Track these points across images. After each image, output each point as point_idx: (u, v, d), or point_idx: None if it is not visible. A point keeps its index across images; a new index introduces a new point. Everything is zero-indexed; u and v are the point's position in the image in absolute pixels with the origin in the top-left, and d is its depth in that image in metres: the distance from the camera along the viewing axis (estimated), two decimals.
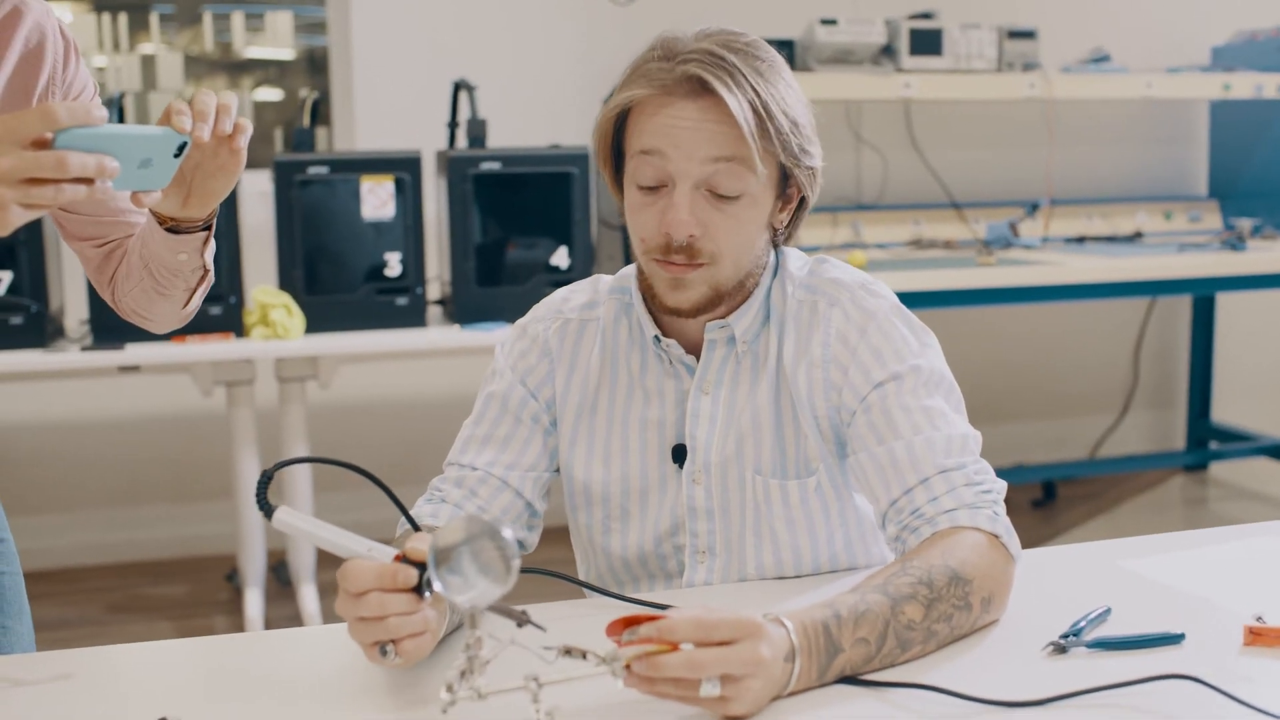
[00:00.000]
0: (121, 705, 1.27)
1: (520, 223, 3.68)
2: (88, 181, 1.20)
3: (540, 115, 4.42)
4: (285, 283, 3.57)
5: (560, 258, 3.67)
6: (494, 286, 3.65)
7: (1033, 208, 4.59)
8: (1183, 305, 5.36)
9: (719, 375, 1.61)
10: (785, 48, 4.29)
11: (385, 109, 4.35)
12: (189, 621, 3.80)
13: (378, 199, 3.58)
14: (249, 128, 1.36)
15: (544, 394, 1.66)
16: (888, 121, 4.83)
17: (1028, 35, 4.50)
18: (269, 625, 3.67)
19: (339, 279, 3.60)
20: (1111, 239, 4.77)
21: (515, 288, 3.66)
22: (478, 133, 3.74)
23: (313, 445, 3.84)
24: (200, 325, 3.47)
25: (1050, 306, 4.98)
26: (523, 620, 1.12)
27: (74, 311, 3.69)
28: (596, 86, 4.39)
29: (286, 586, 3.96)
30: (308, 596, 3.75)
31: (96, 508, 4.34)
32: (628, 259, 3.82)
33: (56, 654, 1.42)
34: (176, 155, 1.28)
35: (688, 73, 1.48)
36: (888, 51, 4.39)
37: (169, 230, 1.48)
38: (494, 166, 3.62)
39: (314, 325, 3.55)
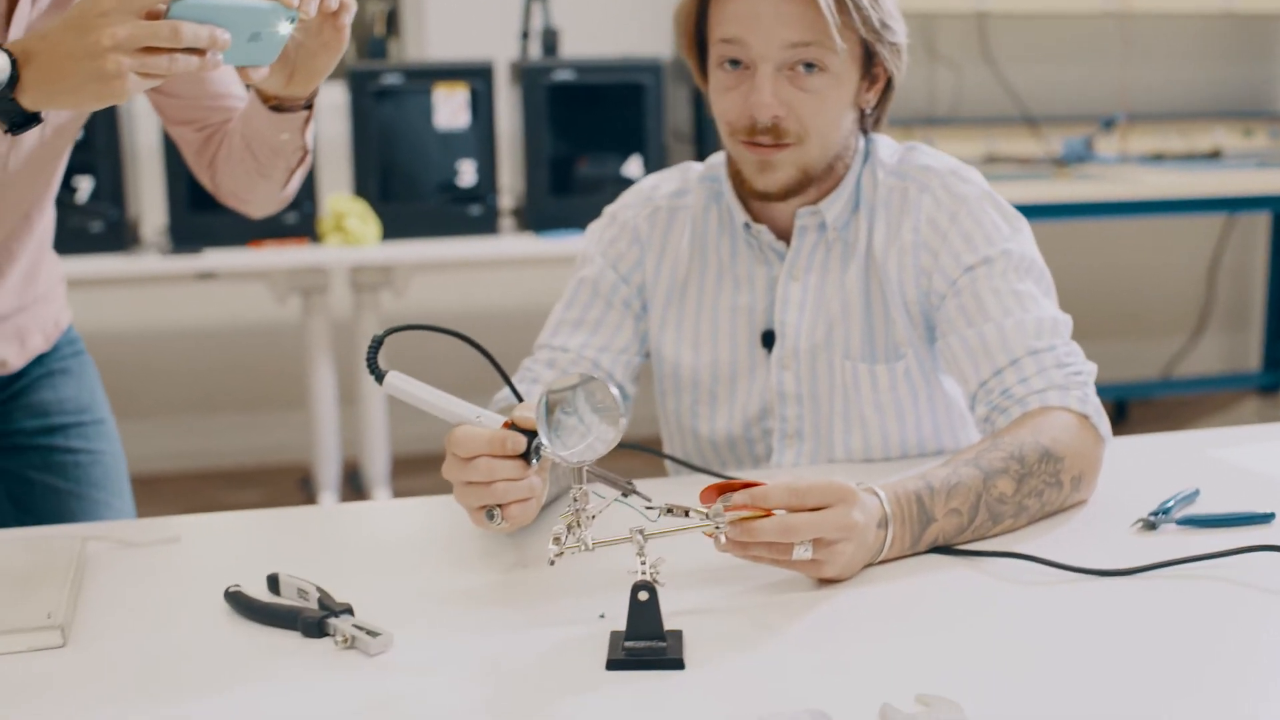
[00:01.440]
0: (232, 565, 1.30)
1: (593, 132, 3.68)
2: (199, 52, 1.21)
3: (609, 24, 4.39)
4: (360, 191, 3.60)
5: (633, 168, 3.67)
6: (567, 196, 3.66)
7: (1108, 123, 4.53)
8: (1260, 224, 5.28)
9: (809, 261, 1.61)
10: None
11: (456, 19, 4.35)
12: None
13: (451, 108, 3.59)
14: (353, 5, 1.37)
15: (634, 279, 1.67)
16: (962, 35, 4.76)
17: None
18: None
19: (413, 188, 3.63)
20: (1189, 157, 4.70)
21: (588, 197, 3.66)
22: (551, 42, 3.73)
23: (387, 353, 3.87)
24: (276, 231, 3.51)
25: (1125, 224, 4.92)
26: (627, 489, 1.14)
27: (151, 219, 3.74)
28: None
29: (359, 493, 4.02)
30: (382, 495, 3.80)
31: (170, 415, 4.42)
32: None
33: (164, 520, 1.46)
34: (283, 30, 1.29)
35: None
36: None
37: (272, 109, 1.50)
38: (567, 76, 3.61)
39: (388, 234, 3.58)
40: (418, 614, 1.18)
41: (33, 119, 1.25)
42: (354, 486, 4.04)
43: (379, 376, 1.24)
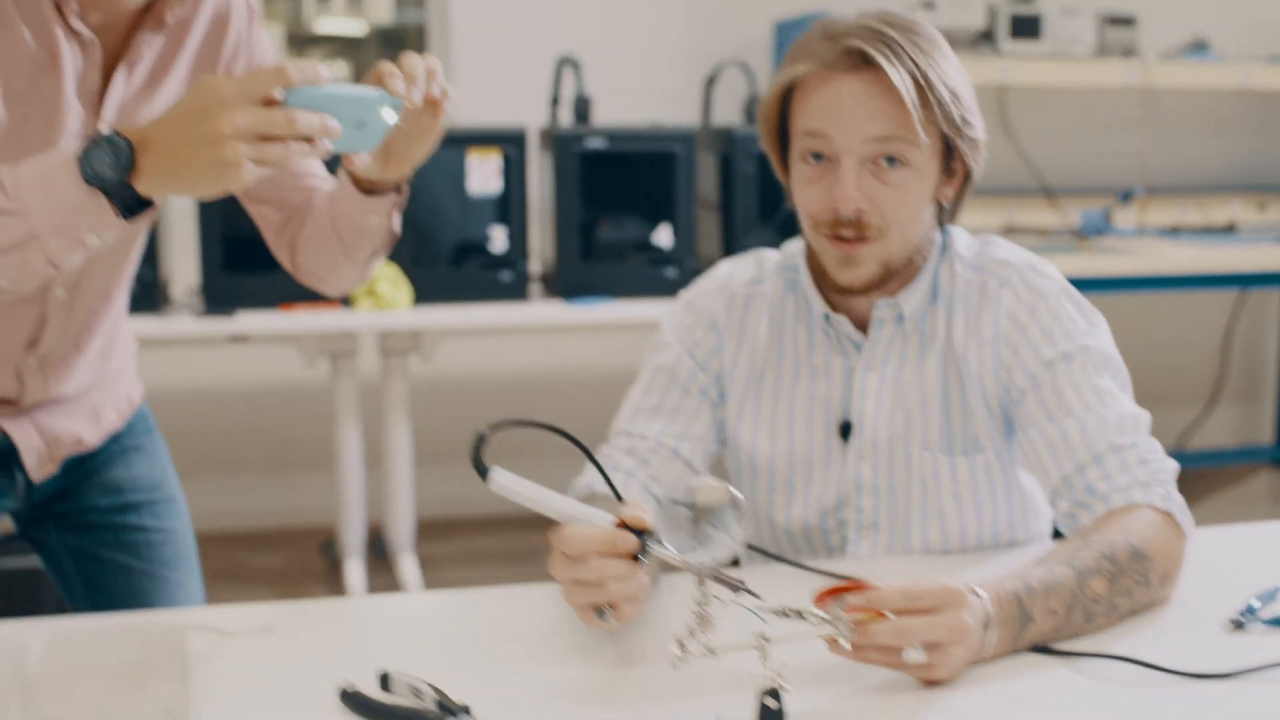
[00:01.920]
0: (333, 658, 1.31)
1: (623, 200, 3.71)
2: (309, 139, 1.24)
3: (636, 91, 4.43)
4: (391, 255, 3.61)
5: (663, 236, 3.69)
6: (597, 263, 3.69)
7: (1126, 196, 4.57)
8: (1274, 298, 5.32)
9: (886, 353, 1.63)
10: None
11: (486, 84, 4.38)
12: (288, 590, 3.86)
13: (484, 173, 3.62)
14: (453, 93, 1.40)
15: (712, 367, 1.69)
16: (982, 107, 4.80)
17: (1127, 22, 4.48)
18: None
19: (444, 253, 3.65)
20: (1206, 230, 4.74)
21: (618, 264, 3.70)
22: (583, 110, 3.77)
23: (414, 418, 3.89)
24: (307, 294, 3.51)
25: (1139, 295, 4.96)
26: (740, 587, 1.15)
27: (182, 279, 3.75)
28: (695, 64, 4.42)
29: (381, 558, 4.02)
30: (407, 567, 3.80)
31: (192, 476, 4.40)
32: (727, 239, 3.84)
33: (255, 607, 1.47)
34: (388, 118, 1.32)
35: (849, 47, 1.52)
36: (986, 36, 4.39)
37: (363, 192, 1.51)
38: (600, 144, 3.65)
39: (419, 298, 3.59)
40: (532, 713, 1.18)
41: (146, 205, 1.27)
42: (377, 551, 4.04)
43: (483, 473, 1.25)
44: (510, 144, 3.62)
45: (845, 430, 1.64)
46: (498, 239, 3.63)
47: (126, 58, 1.52)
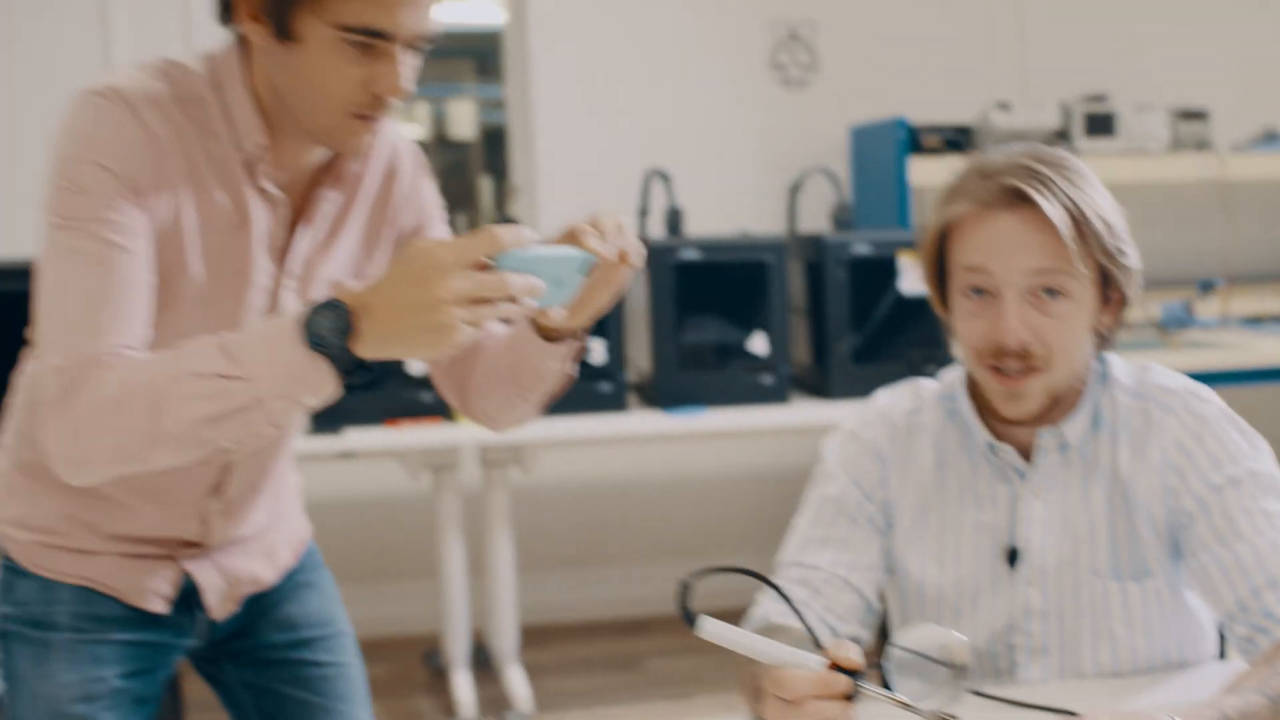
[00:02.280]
0: None
1: (717, 309, 3.77)
2: (515, 300, 1.29)
3: (717, 199, 4.51)
4: None
5: (758, 344, 3.75)
6: (693, 372, 3.74)
7: (1207, 287, 4.60)
8: None
9: (1051, 480, 1.67)
10: (961, 132, 4.37)
11: (571, 196, 4.48)
12: (393, 703, 3.89)
13: None
14: (643, 249, 1.46)
15: (878, 496, 1.73)
16: None
17: (1199, 116, 4.54)
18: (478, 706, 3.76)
19: None
20: None
21: (714, 372, 3.75)
22: (675, 222, 3.85)
23: (515, 527, 3.94)
24: (412, 410, 3.59)
25: (1234, 389, 4.96)
26: None
27: None
28: (773, 170, 4.51)
29: (483, 666, 4.04)
30: (514, 677, 3.83)
31: None
32: (817, 344, 3.89)
33: None
34: (583, 275, 1.38)
35: (1005, 186, 1.58)
36: (1061, 134, 4.46)
37: (546, 339, 1.56)
38: (693, 255, 3.72)
39: None
40: None
41: (364, 367, 1.33)
42: (478, 659, 4.06)
43: (691, 620, 1.29)
44: None
45: (1012, 556, 1.67)
46: (596, 351, 3.69)
47: (308, 214, 1.59)
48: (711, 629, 1.29)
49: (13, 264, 3.49)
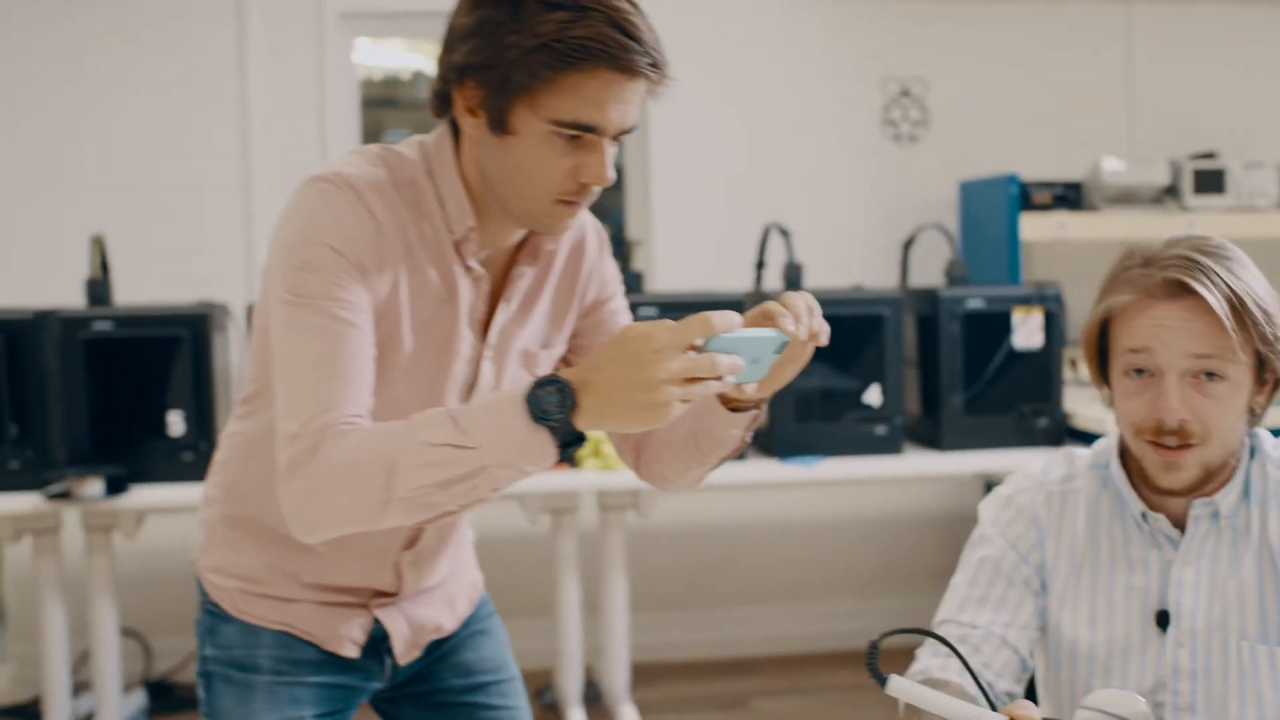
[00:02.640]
0: None
1: (833, 361, 3.86)
2: (720, 378, 1.40)
3: (828, 252, 4.61)
4: None
5: (872, 395, 3.84)
6: (809, 421, 3.84)
7: None
8: None
9: (1202, 547, 1.75)
10: (1071, 189, 4.45)
11: (683, 251, 4.60)
12: None
13: None
14: (828, 327, 1.56)
15: (1033, 559, 1.82)
16: None
17: None
18: None
19: None
20: None
21: (830, 423, 3.84)
22: (794, 276, 3.95)
23: (630, 568, 4.05)
24: None
25: None
26: None
27: None
28: (883, 224, 4.61)
29: (594, 703, 4.15)
30: (625, 716, 3.93)
31: None
32: (927, 396, 3.98)
33: None
34: (778, 353, 1.48)
35: (1168, 277, 1.68)
36: (1171, 191, 4.51)
37: (730, 409, 1.66)
38: None
39: None
40: None
41: (582, 439, 1.44)
42: (591, 697, 4.17)
43: (881, 681, 1.38)
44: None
45: (1163, 619, 1.76)
46: None
47: (506, 289, 1.72)
48: (900, 687, 1.38)
49: (145, 310, 3.66)
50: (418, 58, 5.17)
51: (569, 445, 1.43)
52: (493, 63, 1.52)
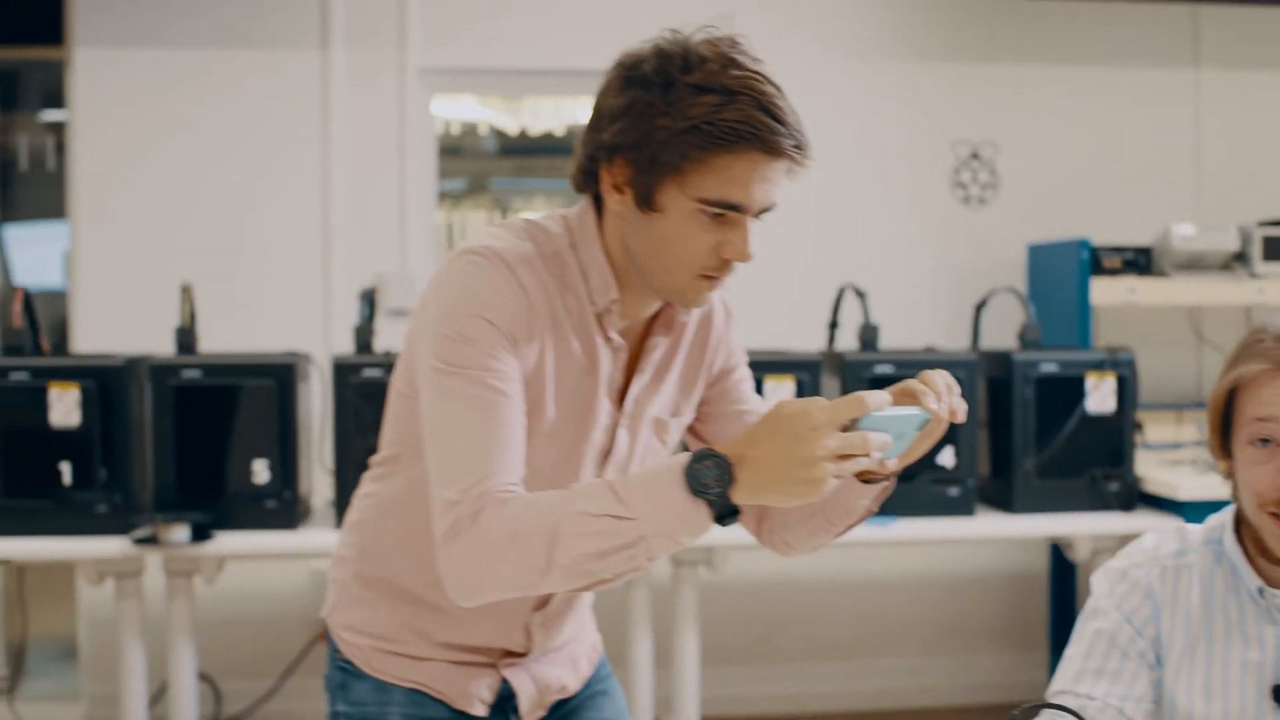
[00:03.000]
0: None
1: None
2: (868, 455, 1.44)
3: (895, 313, 4.65)
4: None
5: (946, 457, 3.86)
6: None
7: None
8: None
9: None
10: (1141, 253, 4.48)
11: (753, 308, 4.64)
12: None
13: (777, 396, 3.84)
14: (966, 404, 1.60)
15: (1148, 632, 1.85)
16: (1227, 323, 4.95)
17: None
18: None
19: None
20: None
21: (905, 484, 3.85)
22: (870, 337, 3.99)
23: (701, 621, 4.08)
24: None
25: None
26: None
27: None
28: (951, 286, 4.65)
29: None
30: None
31: None
32: (996, 458, 4.00)
33: None
34: (919, 430, 1.53)
35: None
36: (1240, 257, 4.54)
37: (863, 481, 1.70)
38: (887, 370, 3.86)
39: None
40: None
41: (736, 512, 1.47)
42: None
43: None
44: (803, 370, 3.84)
45: (1279, 694, 1.78)
46: None
47: (642, 359, 1.77)
48: None
49: (234, 359, 3.73)
50: (478, 108, 5.26)
51: (724, 518, 1.46)
52: (643, 143, 1.58)
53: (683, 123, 1.55)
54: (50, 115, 6.70)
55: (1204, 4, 4.83)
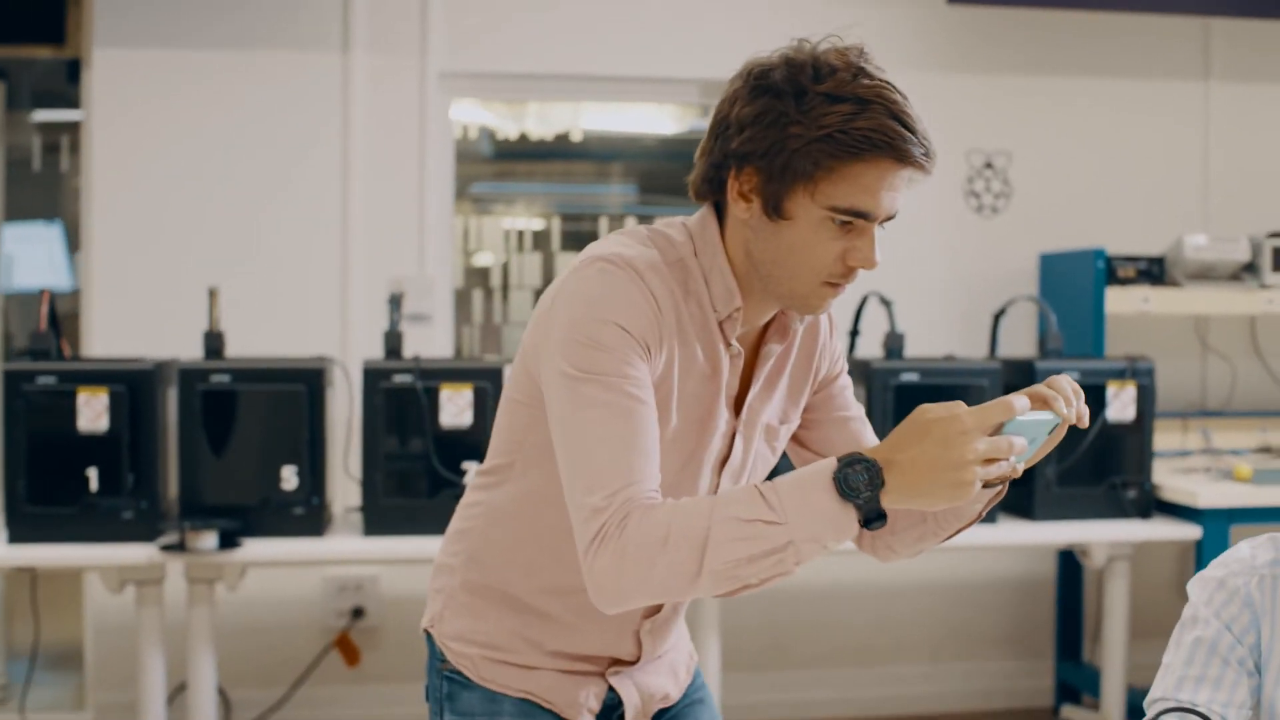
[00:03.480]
0: None
1: None
2: (1009, 459, 1.46)
3: (907, 320, 4.65)
4: None
5: None
6: None
7: None
8: None
9: None
10: (1155, 263, 4.52)
11: None
12: None
13: None
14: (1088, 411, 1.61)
15: (1248, 640, 1.86)
16: (1234, 332, 5.00)
17: None
18: None
19: None
20: None
21: None
22: (896, 345, 4.00)
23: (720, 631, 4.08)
24: None
25: None
26: None
27: None
28: (963, 294, 4.68)
29: None
30: None
31: None
32: None
33: None
34: (1049, 433, 1.54)
35: None
36: (1249, 268, 4.59)
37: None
38: (913, 378, 3.88)
39: None
40: None
41: (884, 517, 1.47)
42: None
43: None
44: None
45: None
46: None
47: (757, 366, 1.77)
48: None
49: (263, 363, 3.70)
50: (482, 112, 5.25)
51: (872, 522, 1.47)
52: (775, 150, 1.58)
53: (816, 131, 1.56)
54: (40, 115, 6.62)
55: (1214, 18, 4.87)
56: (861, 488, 1.44)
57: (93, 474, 3.52)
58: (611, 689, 1.87)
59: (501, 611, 1.82)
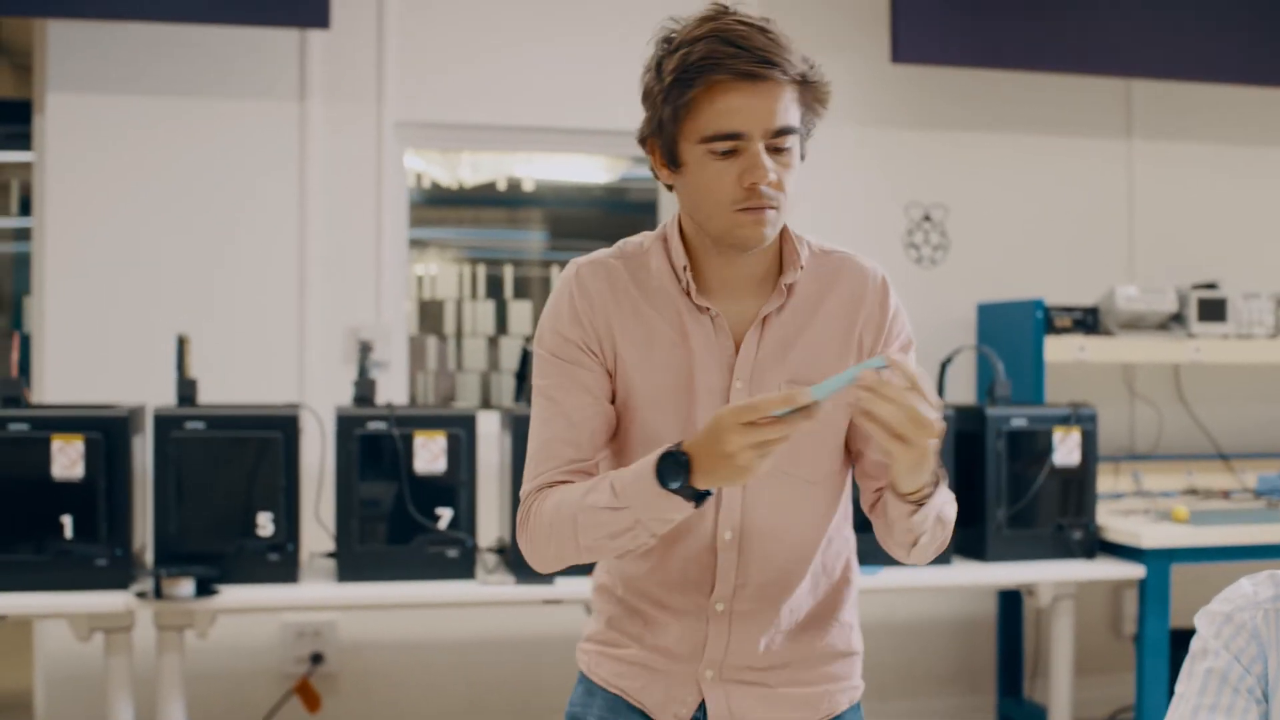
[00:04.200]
0: None
1: None
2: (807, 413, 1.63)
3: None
4: None
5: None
6: (868, 533, 3.98)
7: None
8: None
9: None
10: (1089, 313, 4.72)
11: None
12: None
13: None
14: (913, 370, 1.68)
15: (1256, 670, 1.99)
16: (1159, 380, 5.22)
17: None
18: None
19: None
20: None
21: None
22: None
23: None
24: None
25: None
26: None
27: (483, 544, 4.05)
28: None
29: None
30: None
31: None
32: (965, 510, 4.15)
33: None
34: (851, 382, 1.64)
35: None
36: (1177, 318, 4.81)
37: (900, 500, 1.80)
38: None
39: None
40: None
41: (705, 494, 1.69)
42: None
43: None
44: None
45: None
46: None
47: (751, 327, 1.87)
48: None
49: (237, 410, 3.72)
50: (415, 159, 5.33)
51: (698, 498, 1.69)
52: (653, 115, 1.80)
53: (668, 79, 1.75)
54: None
55: (1135, 80, 5.12)
56: (670, 478, 1.68)
57: (67, 521, 3.50)
58: (703, 703, 1.92)
59: (604, 605, 1.99)
